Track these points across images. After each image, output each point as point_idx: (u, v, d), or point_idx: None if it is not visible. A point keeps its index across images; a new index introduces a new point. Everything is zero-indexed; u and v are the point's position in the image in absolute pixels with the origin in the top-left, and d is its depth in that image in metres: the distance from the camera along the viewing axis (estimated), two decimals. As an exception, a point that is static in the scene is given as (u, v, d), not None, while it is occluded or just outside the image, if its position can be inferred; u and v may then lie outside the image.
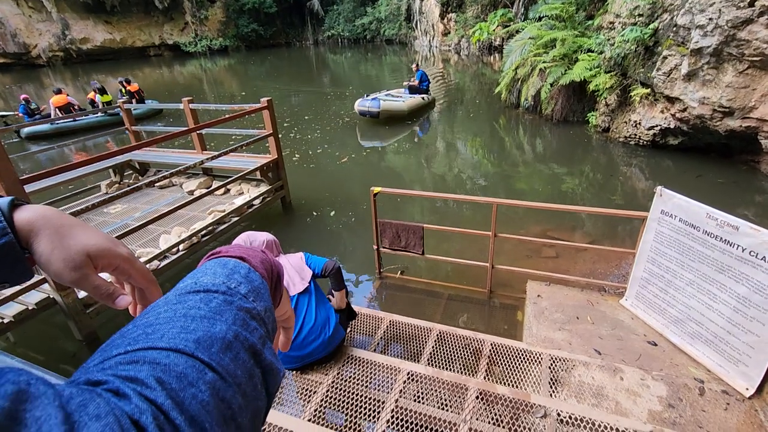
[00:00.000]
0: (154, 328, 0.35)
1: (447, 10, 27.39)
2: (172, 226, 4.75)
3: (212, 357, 0.34)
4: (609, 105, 8.38)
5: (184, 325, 0.35)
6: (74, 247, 0.47)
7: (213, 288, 0.40)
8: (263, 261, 0.49)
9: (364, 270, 4.61)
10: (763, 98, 5.54)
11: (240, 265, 0.45)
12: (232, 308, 0.39)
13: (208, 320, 0.37)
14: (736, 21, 5.33)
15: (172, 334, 0.34)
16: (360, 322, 3.20)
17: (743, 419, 2.24)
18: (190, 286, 0.41)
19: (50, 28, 27.16)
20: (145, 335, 0.34)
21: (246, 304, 0.41)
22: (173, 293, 0.40)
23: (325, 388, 2.44)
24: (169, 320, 0.36)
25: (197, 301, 0.38)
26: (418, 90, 11.58)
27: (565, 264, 4.37)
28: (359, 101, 10.44)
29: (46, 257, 0.46)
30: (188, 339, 0.34)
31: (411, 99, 10.95)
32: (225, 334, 0.36)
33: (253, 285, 0.44)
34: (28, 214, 0.46)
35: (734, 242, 2.37)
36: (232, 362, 0.35)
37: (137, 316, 0.39)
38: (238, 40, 35.60)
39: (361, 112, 10.38)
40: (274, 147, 5.48)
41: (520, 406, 2.27)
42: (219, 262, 0.45)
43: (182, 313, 0.37)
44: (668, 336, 2.83)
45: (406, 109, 10.54)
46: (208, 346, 0.34)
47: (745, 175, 6.38)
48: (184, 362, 0.32)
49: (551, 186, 6.86)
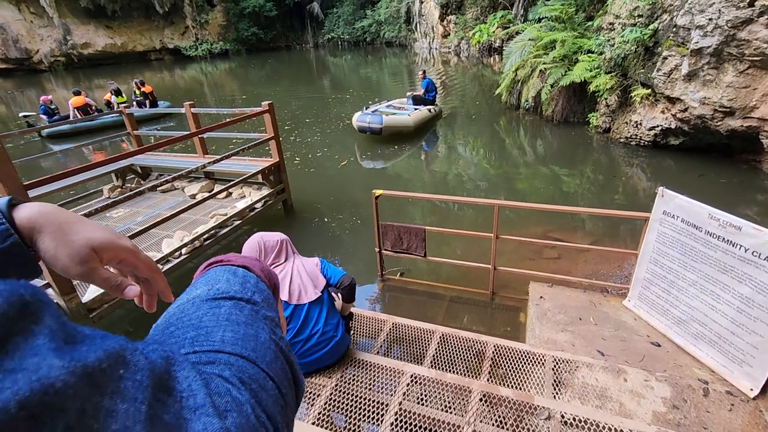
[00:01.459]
0: (207, 330, 0.36)
1: (446, 12, 27.43)
2: (174, 230, 4.76)
3: (268, 366, 0.36)
4: (609, 106, 8.38)
5: (235, 330, 0.36)
6: (79, 242, 0.47)
7: (236, 295, 0.41)
8: (263, 270, 0.50)
9: (366, 272, 4.62)
10: (764, 98, 5.54)
11: (248, 275, 0.46)
12: (260, 317, 0.40)
13: (251, 327, 0.38)
14: (736, 21, 5.34)
15: (230, 339, 0.35)
16: (363, 325, 3.20)
17: (748, 420, 2.23)
18: (212, 293, 0.41)
19: (52, 34, 27.30)
20: (205, 336, 0.35)
21: (268, 312, 0.42)
22: (196, 298, 0.41)
23: (329, 391, 2.44)
24: (217, 323, 0.37)
25: (231, 307, 0.39)
26: (424, 101, 10.36)
27: (567, 265, 4.37)
28: (358, 116, 9.13)
29: (51, 253, 0.46)
30: (246, 347, 0.35)
31: (417, 112, 9.67)
32: (270, 344, 0.38)
33: (264, 295, 0.44)
34: (28, 212, 0.46)
35: (737, 242, 2.37)
36: (281, 372, 0.37)
37: (170, 315, 0.39)
38: (238, 43, 35.72)
39: (360, 128, 9.04)
40: (276, 150, 5.49)
41: (524, 408, 2.27)
42: (228, 270, 0.46)
43: (224, 317, 0.38)
44: (671, 337, 2.82)
45: (413, 124, 9.29)
46: (263, 356, 0.36)
47: (747, 175, 6.37)
48: (251, 368, 0.34)
49: (553, 187, 6.86)
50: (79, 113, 11.09)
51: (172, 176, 4.38)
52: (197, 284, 0.44)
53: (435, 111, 10.47)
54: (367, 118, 8.87)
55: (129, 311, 4.02)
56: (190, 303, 0.40)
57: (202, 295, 0.41)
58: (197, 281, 0.45)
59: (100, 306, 3.56)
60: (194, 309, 0.39)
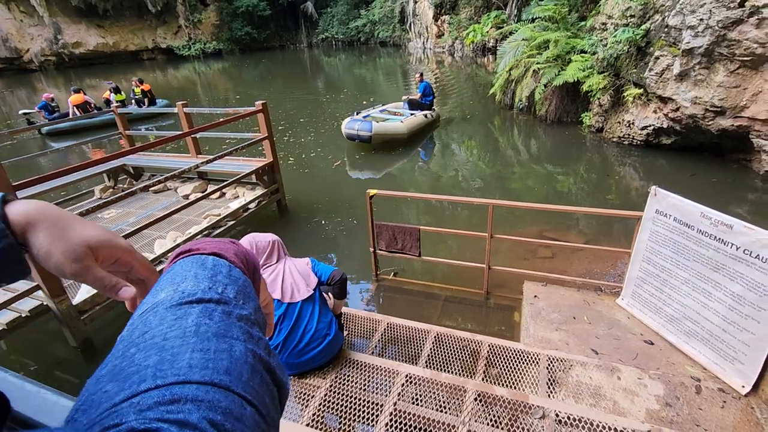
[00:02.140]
0: (173, 353, 0.32)
1: (440, 12, 27.47)
2: (167, 230, 4.72)
3: (245, 389, 0.32)
4: (602, 105, 8.44)
5: (205, 349, 0.32)
6: (74, 239, 0.46)
7: (205, 297, 0.37)
8: (237, 253, 0.46)
9: (360, 272, 4.60)
10: (754, 97, 5.60)
11: (220, 263, 0.42)
12: (233, 320, 0.36)
13: (223, 339, 0.34)
14: (727, 21, 5.39)
15: (198, 362, 0.31)
16: (358, 325, 3.19)
17: (740, 417, 2.25)
18: (177, 297, 0.37)
19: (42, 33, 26.99)
20: (170, 362, 0.31)
21: (242, 311, 0.38)
22: (159, 305, 0.37)
23: (324, 392, 2.43)
24: (183, 341, 0.33)
25: (199, 315, 0.35)
26: (421, 105, 9.73)
27: (561, 264, 4.39)
28: (347, 122, 8.45)
29: (45, 250, 0.44)
30: (218, 369, 0.31)
31: (412, 118, 9.02)
32: (246, 357, 0.34)
33: (238, 285, 0.41)
34: (22, 207, 0.44)
35: (728, 241, 2.39)
36: (260, 388, 0.33)
37: (133, 327, 0.35)
38: (231, 43, 35.52)
39: (348, 135, 8.34)
40: (270, 150, 5.47)
41: (519, 407, 2.27)
42: (196, 261, 0.42)
43: (192, 331, 0.34)
44: (664, 335, 2.84)
45: (406, 132, 8.56)
46: (239, 376, 0.32)
47: (737, 174, 6.44)
48: (225, 397, 0.30)
49: (546, 186, 6.89)
50: (79, 111, 11.29)
51: (165, 176, 4.34)
52: (162, 283, 0.40)
53: (432, 116, 9.85)
54: (355, 125, 8.20)
55: (120, 313, 3.98)
56: (153, 312, 0.36)
57: (166, 301, 0.37)
58: (162, 278, 0.41)
59: (91, 308, 3.52)
60: (158, 321, 0.35)
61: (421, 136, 9.37)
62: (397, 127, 8.52)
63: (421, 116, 9.30)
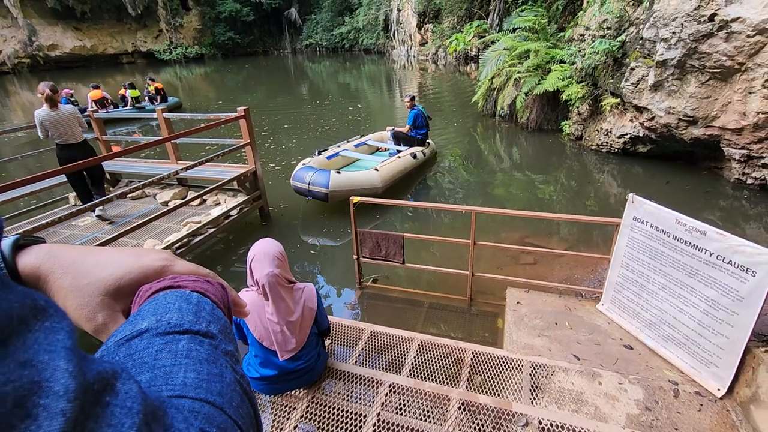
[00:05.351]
0: (165, 371, 0.31)
1: (424, 20, 27.86)
2: (145, 238, 4.60)
3: (236, 412, 0.32)
4: (581, 114, 8.65)
5: (198, 370, 0.32)
6: (88, 289, 0.40)
7: (192, 328, 0.36)
8: (216, 294, 0.44)
9: (344, 280, 4.57)
10: (724, 108, 5.82)
11: (204, 301, 0.41)
12: (219, 353, 0.36)
13: (214, 365, 0.34)
14: (698, 35, 5.61)
15: (193, 381, 0.31)
16: (340, 334, 3.15)
17: (716, 420, 2.30)
18: (163, 326, 0.36)
19: (16, 35, 26.23)
20: (163, 378, 0.30)
21: (227, 347, 0.38)
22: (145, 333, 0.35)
23: (305, 403, 2.38)
24: (176, 362, 0.32)
25: (189, 341, 0.35)
26: (409, 140, 7.47)
27: (543, 270, 4.44)
28: (298, 169, 6.06)
29: (60, 306, 0.41)
30: (212, 390, 0.31)
31: (392, 163, 6.49)
32: (235, 386, 0.34)
33: (221, 323, 0.40)
34: (32, 258, 0.39)
35: (702, 247, 2.46)
36: (246, 417, 0.33)
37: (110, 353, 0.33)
38: (214, 48, 35.22)
39: (297, 189, 5.95)
40: (252, 156, 5.40)
41: (502, 415, 2.27)
42: (180, 295, 0.41)
43: (184, 354, 0.33)
44: (643, 339, 2.89)
45: (380, 185, 6.03)
46: (230, 400, 0.32)
47: (709, 181, 6.66)
48: (219, 416, 0.30)
49: (528, 193, 7.00)
50: (97, 106, 12.10)
51: (143, 183, 4.24)
52: (142, 314, 0.38)
53: (425, 155, 7.44)
54: (307, 176, 5.78)
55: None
56: (138, 339, 0.34)
57: (152, 329, 0.35)
58: (142, 310, 0.38)
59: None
60: (144, 344, 0.33)
61: (413, 178, 7.18)
62: (369, 178, 5.98)
63: (408, 157, 6.90)
